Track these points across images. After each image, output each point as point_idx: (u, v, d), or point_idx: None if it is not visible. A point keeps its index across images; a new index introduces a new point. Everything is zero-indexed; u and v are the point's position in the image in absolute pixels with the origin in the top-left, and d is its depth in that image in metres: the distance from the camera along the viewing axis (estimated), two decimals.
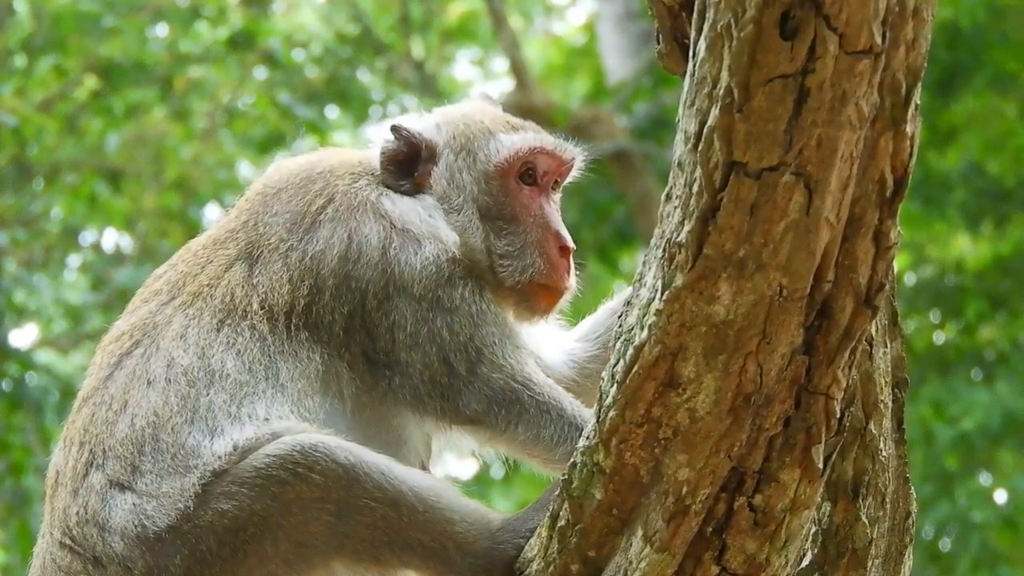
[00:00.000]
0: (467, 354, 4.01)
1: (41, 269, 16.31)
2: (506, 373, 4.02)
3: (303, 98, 17.39)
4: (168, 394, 3.90)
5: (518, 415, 3.99)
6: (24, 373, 14.41)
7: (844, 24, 3.02)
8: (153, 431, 3.87)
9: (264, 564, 3.76)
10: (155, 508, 3.79)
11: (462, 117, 4.34)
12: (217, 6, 17.94)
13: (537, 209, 4.23)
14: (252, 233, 4.14)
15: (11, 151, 16.02)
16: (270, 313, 4.00)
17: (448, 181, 4.23)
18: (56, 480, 3.97)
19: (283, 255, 4.07)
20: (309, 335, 4.00)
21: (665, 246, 3.29)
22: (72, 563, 3.83)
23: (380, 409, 4.06)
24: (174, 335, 4.00)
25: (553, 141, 4.30)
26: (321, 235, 4.08)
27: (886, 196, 3.20)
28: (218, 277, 4.07)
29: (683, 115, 3.22)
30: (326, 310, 4.02)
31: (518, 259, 4.17)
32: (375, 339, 4.02)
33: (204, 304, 4.03)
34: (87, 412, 3.99)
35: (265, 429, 3.84)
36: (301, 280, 4.03)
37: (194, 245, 4.23)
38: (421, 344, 4.01)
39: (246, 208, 4.22)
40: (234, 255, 4.11)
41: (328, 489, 3.74)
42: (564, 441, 3.94)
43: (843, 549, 3.67)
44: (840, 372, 3.33)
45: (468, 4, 20.63)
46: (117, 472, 3.86)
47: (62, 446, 4.00)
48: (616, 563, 3.51)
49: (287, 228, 4.11)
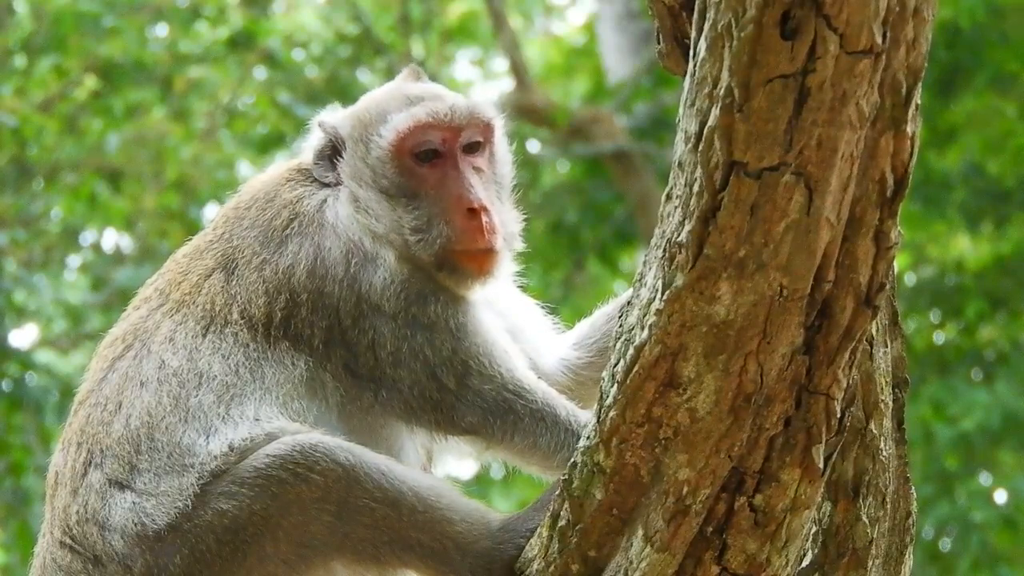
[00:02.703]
0: (454, 368, 3.99)
1: (41, 269, 16.30)
2: (497, 384, 4.00)
3: (303, 98, 17.37)
4: (161, 394, 3.92)
5: (513, 425, 3.98)
6: (24, 373, 14.41)
7: (844, 24, 3.02)
8: (148, 430, 3.88)
9: (264, 564, 3.76)
10: (154, 506, 3.80)
11: (366, 101, 4.29)
12: (217, 6, 17.93)
13: (437, 179, 4.12)
14: (227, 245, 4.15)
15: (11, 151, 16.01)
16: (250, 323, 4.00)
17: (351, 170, 4.18)
18: (56, 480, 3.99)
19: (257, 268, 4.07)
20: (290, 344, 3.99)
21: (665, 246, 3.29)
22: (72, 562, 3.84)
23: (367, 419, 4.05)
24: (163, 339, 4.02)
25: (440, 109, 4.16)
26: (290, 249, 4.07)
27: (886, 196, 3.20)
28: (198, 286, 4.08)
29: (683, 115, 3.22)
30: (304, 323, 4.01)
31: (426, 232, 4.08)
32: (356, 355, 4.00)
33: (188, 311, 4.06)
34: (83, 414, 4.01)
35: (258, 429, 3.84)
36: (277, 293, 4.02)
37: (178, 255, 4.25)
38: (405, 362, 3.99)
39: (221, 222, 4.23)
40: (212, 265, 4.12)
41: (328, 489, 3.74)
42: (561, 448, 3.93)
43: (843, 549, 3.67)
44: (841, 372, 3.33)
45: (468, 4, 20.62)
46: (116, 471, 3.87)
47: (61, 447, 4.02)
48: (616, 563, 3.51)
49: (260, 242, 4.11)
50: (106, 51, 16.60)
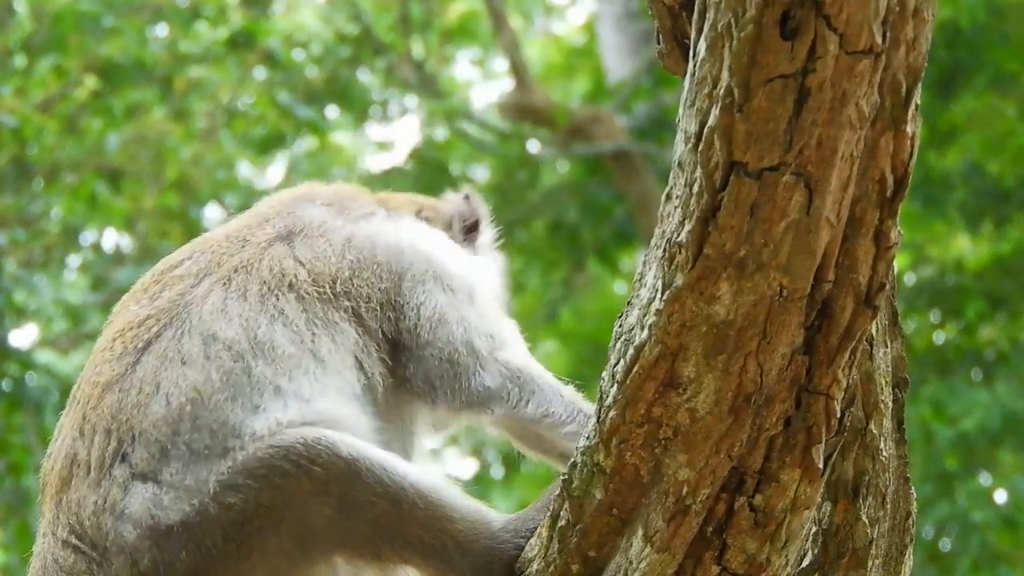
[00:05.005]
0: (491, 340, 4.20)
1: (41, 269, 16.29)
2: (522, 361, 4.21)
3: (303, 98, 17.37)
4: (209, 370, 3.87)
5: (531, 392, 4.14)
6: (24, 373, 14.40)
7: (844, 24, 3.02)
8: (193, 408, 3.81)
9: (268, 559, 3.75)
10: (172, 500, 3.73)
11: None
12: (217, 6, 17.92)
13: None
14: (288, 220, 4.26)
15: (11, 151, 16.01)
16: (316, 282, 4.10)
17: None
18: (70, 472, 3.85)
19: (324, 234, 4.22)
20: (349, 304, 4.11)
21: (665, 246, 3.29)
22: (76, 563, 3.78)
23: (396, 395, 4.16)
24: (212, 309, 3.98)
25: None
26: (370, 225, 4.32)
27: (886, 196, 3.20)
28: (259, 255, 4.13)
29: (683, 115, 3.22)
30: (366, 284, 4.15)
31: None
32: (401, 316, 4.16)
33: (248, 276, 4.07)
34: (113, 399, 3.88)
35: (307, 410, 3.87)
36: (343, 255, 4.18)
37: (212, 237, 4.26)
38: (448, 323, 4.17)
39: (275, 204, 4.36)
40: (273, 236, 4.20)
41: (329, 482, 3.74)
42: (572, 421, 4.10)
43: (843, 549, 3.67)
44: (841, 372, 3.33)
45: (468, 4, 20.62)
46: (144, 459, 3.78)
47: (77, 435, 3.88)
48: (616, 563, 3.51)
49: (331, 215, 4.30)
50: (106, 51, 16.59)
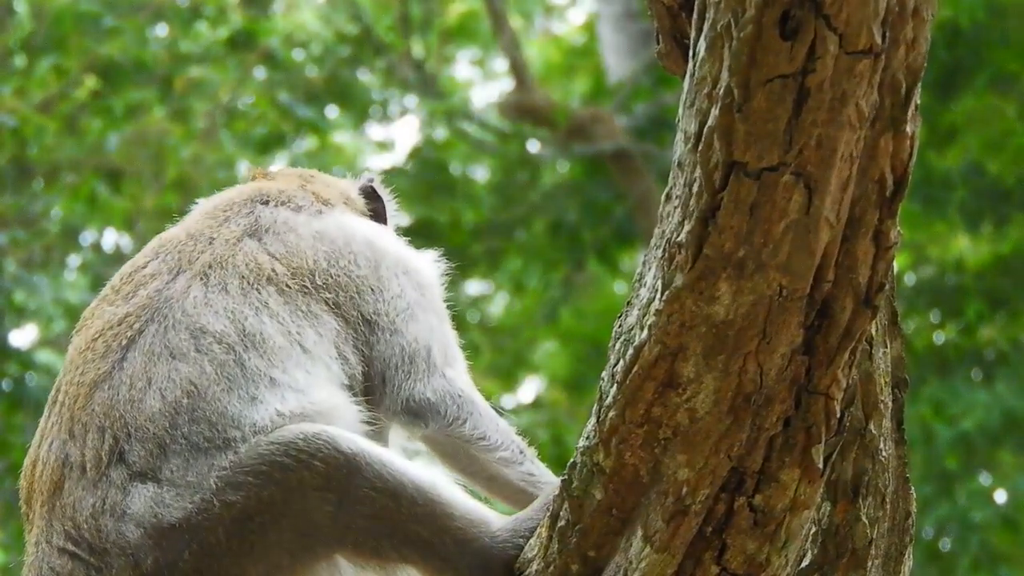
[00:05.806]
0: (445, 354, 4.23)
1: (41, 269, 16.29)
2: (466, 384, 4.22)
3: (303, 98, 17.37)
4: (202, 363, 3.87)
5: (468, 414, 4.14)
6: (24, 373, 14.40)
7: (844, 24, 3.02)
8: (190, 401, 3.81)
9: (269, 555, 3.74)
10: (174, 497, 3.72)
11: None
12: (217, 6, 17.92)
13: None
14: (249, 219, 4.27)
15: (11, 151, 16.01)
16: (295, 275, 4.12)
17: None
18: (62, 475, 3.84)
19: (292, 229, 4.25)
20: (329, 296, 4.12)
21: (665, 246, 3.29)
22: (74, 570, 3.74)
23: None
24: (195, 304, 3.99)
25: None
26: (331, 219, 4.37)
27: (886, 196, 3.20)
28: (231, 251, 4.14)
29: (683, 115, 3.22)
30: (343, 272, 4.18)
31: None
32: (380, 300, 4.20)
33: (224, 271, 4.07)
34: (103, 396, 3.87)
35: (304, 400, 3.89)
36: (316, 247, 4.21)
37: (173, 237, 4.24)
38: (418, 321, 4.21)
39: (226, 204, 4.37)
40: (240, 232, 4.21)
41: (329, 477, 3.73)
42: (506, 448, 4.11)
43: (843, 549, 3.67)
44: (840, 372, 3.33)
45: (468, 4, 20.62)
46: (142, 457, 3.77)
47: (67, 437, 3.87)
48: (616, 563, 3.51)
49: (290, 212, 4.32)
50: (106, 51, 16.59)
